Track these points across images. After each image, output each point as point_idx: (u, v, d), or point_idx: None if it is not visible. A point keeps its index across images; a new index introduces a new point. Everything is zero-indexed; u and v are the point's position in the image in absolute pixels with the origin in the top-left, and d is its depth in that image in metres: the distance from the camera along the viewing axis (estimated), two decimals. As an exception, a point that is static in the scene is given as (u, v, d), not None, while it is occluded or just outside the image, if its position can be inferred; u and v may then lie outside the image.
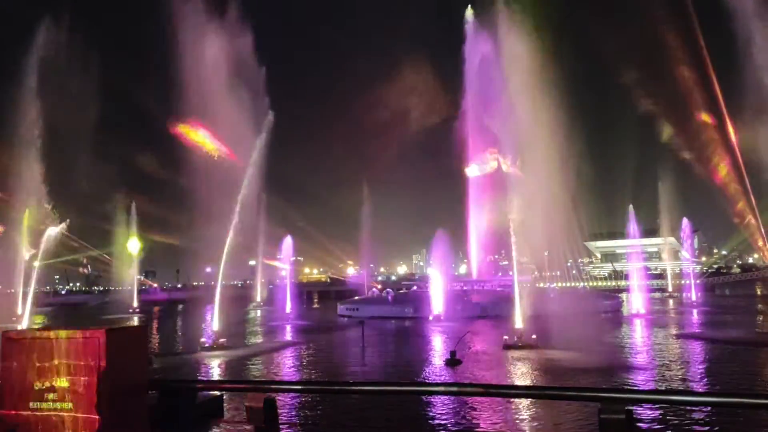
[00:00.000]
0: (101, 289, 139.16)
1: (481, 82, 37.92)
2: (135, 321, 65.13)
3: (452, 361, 26.37)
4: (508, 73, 35.81)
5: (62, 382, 6.35)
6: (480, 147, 62.51)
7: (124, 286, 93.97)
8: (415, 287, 78.92)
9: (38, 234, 44.64)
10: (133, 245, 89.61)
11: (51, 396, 6.34)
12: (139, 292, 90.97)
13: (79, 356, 6.37)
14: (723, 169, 79.97)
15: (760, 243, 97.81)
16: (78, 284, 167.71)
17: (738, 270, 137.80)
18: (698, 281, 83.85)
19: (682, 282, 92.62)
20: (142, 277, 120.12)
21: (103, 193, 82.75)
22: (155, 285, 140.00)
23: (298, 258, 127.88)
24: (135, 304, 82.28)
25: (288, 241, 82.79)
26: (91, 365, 6.31)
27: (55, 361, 6.41)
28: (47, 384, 6.36)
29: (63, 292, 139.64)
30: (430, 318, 52.37)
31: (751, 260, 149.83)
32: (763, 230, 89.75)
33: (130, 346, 6.87)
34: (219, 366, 27.90)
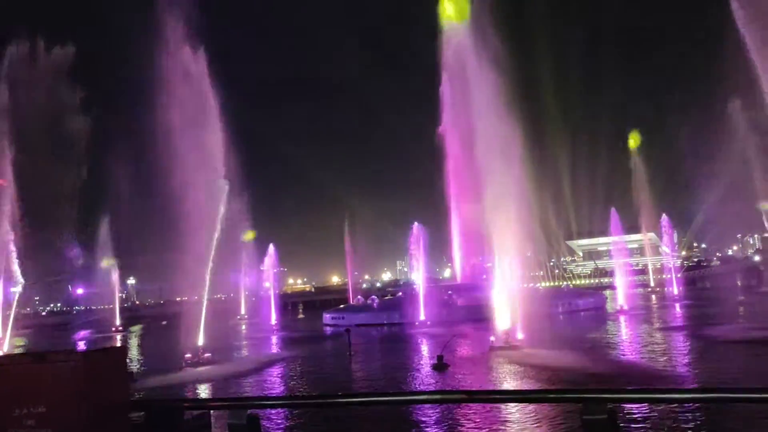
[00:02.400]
0: (83, 308, 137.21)
1: (458, 83, 37.79)
2: (117, 340, 64.34)
3: (440, 366, 26.38)
4: (486, 75, 36.02)
5: (41, 408, 6.23)
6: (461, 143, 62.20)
7: (107, 304, 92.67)
8: (400, 293, 78.82)
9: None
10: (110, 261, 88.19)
11: (30, 422, 6.21)
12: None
13: (58, 380, 6.25)
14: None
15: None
16: (59, 305, 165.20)
17: (718, 263, 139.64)
18: (679, 275, 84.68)
19: (664, 276, 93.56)
20: (124, 295, 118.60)
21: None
22: None
23: (282, 268, 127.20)
24: (118, 322, 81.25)
25: (271, 252, 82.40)
26: (70, 389, 6.19)
27: (34, 387, 6.29)
28: (26, 410, 6.23)
29: (44, 314, 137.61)
30: (416, 323, 52.35)
31: (730, 252, 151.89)
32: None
33: (111, 368, 6.75)
34: (204, 382, 27.62)
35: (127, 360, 6.96)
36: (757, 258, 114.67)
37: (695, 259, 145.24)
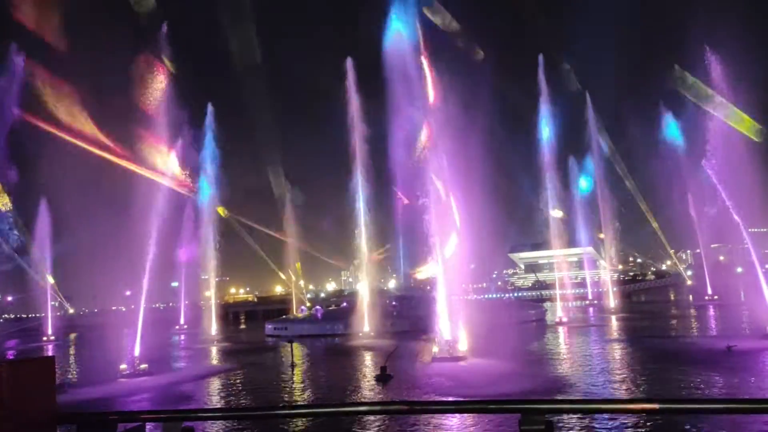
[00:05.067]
0: (12, 316, 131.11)
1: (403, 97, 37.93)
2: (49, 350, 61.81)
3: (383, 377, 26.33)
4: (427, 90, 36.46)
5: (-40, 422, 5.88)
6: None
7: (38, 312, 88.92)
8: (344, 304, 78.49)
9: None
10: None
11: (-53, 437, 5.85)
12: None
13: (-21, 392, 5.91)
14: None
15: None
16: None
17: (652, 277, 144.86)
18: (615, 289, 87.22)
19: (601, 290, 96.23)
20: (57, 304, 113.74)
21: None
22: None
23: (224, 278, 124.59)
24: (50, 331, 78.03)
25: (212, 259, 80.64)
26: (-8, 402, 5.86)
27: (-48, 399, 5.93)
28: (-58, 425, 5.86)
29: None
30: (360, 334, 52.18)
31: (664, 267, 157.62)
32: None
33: (38, 379, 6.44)
34: (139, 394, 26.76)
35: (56, 370, 6.65)
36: (689, 273, 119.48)
37: (631, 273, 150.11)
